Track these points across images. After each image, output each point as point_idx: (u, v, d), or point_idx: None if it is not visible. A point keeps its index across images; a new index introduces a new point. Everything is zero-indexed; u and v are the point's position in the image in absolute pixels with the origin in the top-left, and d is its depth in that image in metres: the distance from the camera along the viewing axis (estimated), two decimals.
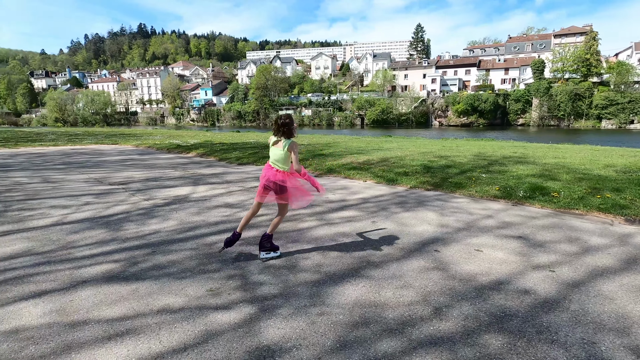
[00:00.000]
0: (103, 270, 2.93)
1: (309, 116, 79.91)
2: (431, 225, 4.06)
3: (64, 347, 1.95)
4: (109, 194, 5.98)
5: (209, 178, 7.53)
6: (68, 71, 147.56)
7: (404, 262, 3.06)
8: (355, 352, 1.88)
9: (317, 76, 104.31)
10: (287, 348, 1.92)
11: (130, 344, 1.97)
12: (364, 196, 5.59)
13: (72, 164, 9.90)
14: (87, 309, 2.34)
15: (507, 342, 1.96)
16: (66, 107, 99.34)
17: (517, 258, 3.13)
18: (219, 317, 2.23)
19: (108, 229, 4.04)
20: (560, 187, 5.48)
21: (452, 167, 7.41)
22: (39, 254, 3.31)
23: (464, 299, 2.43)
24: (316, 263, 3.05)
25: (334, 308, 2.32)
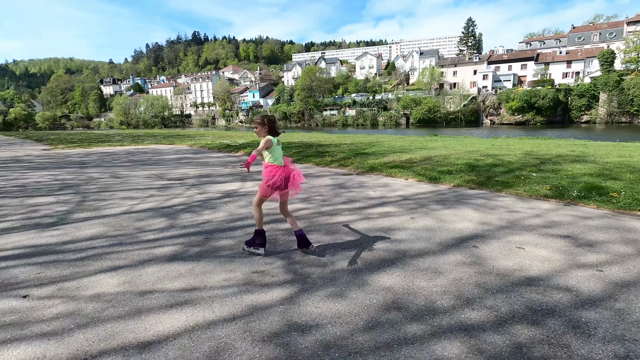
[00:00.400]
0: (165, 252, 3.34)
1: (352, 116, 79.75)
2: (472, 223, 4.02)
3: (136, 310, 2.31)
4: (168, 188, 6.60)
5: (255, 175, 7.97)
6: (132, 78, 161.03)
7: (440, 256, 3.11)
8: (385, 332, 2.02)
9: (361, 76, 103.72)
10: (322, 324, 2.10)
11: (188, 312, 2.27)
12: (404, 194, 5.62)
13: (136, 162, 10.95)
14: (153, 282, 2.71)
15: (539, 333, 1.97)
16: (130, 111, 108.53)
17: (561, 256, 3.04)
18: (263, 295, 2.48)
19: (168, 218, 4.51)
20: (621, 187, 5.10)
21: (499, 166, 7.14)
22: (113, 237, 3.83)
23: (499, 292, 2.44)
24: (353, 253, 3.21)
25: (369, 293, 2.47)
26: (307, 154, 10.85)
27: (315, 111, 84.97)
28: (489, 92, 67.31)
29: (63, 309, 2.33)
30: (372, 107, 78.71)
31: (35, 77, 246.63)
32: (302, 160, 9.99)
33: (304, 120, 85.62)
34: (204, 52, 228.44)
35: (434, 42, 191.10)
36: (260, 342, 1.95)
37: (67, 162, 11.45)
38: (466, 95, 67.52)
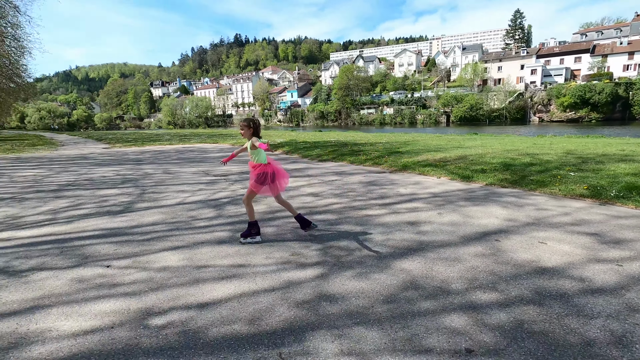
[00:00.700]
0: (215, 237, 3.86)
1: (390, 115, 78.75)
2: (497, 219, 4.16)
3: (194, 280, 2.81)
4: (214, 183, 7.26)
5: (293, 172, 8.45)
6: (178, 80, 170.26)
7: (461, 247, 3.34)
8: (402, 305, 2.33)
9: (400, 73, 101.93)
10: (347, 297, 2.46)
11: (236, 283, 2.73)
12: (435, 191, 5.80)
13: (185, 159, 11.92)
14: (207, 259, 3.22)
15: (542, 313, 2.19)
16: (176, 112, 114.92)
17: (583, 252, 3.15)
18: (298, 272, 2.88)
19: (216, 209, 5.08)
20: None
21: (536, 165, 7.04)
22: (171, 223, 4.43)
23: (511, 279, 2.66)
24: (380, 242, 3.52)
25: (390, 275, 2.78)
26: (342, 152, 11.19)
27: (352, 110, 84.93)
28: (537, 88, 63.45)
29: (138, 277, 2.89)
30: (410, 105, 77.20)
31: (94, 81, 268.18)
32: (337, 158, 10.35)
33: (341, 119, 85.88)
34: (244, 54, 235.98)
35: (477, 36, 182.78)
36: (295, 307, 2.35)
37: (125, 159, 12.71)
38: (512, 92, 64.17)
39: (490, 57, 78.19)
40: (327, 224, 4.17)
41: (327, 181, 7.05)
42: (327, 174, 8.03)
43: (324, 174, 8.05)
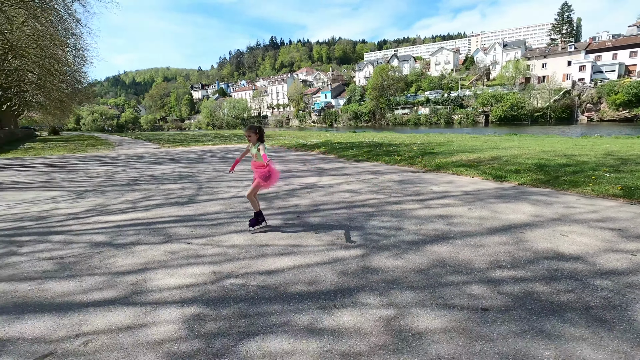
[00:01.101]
0: (270, 224, 4.53)
1: (425, 115, 77.36)
2: (524, 215, 4.51)
3: (259, 255, 3.47)
4: None
5: (330, 171, 9.06)
6: (217, 83, 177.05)
7: (486, 236, 3.76)
8: (430, 276, 2.84)
9: (436, 72, 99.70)
10: (384, 270, 3.01)
11: (293, 258, 3.36)
12: (467, 189, 6.16)
13: (230, 159, 12.91)
14: (267, 240, 3.89)
15: (550, 287, 2.61)
16: (215, 114, 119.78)
17: (601, 243, 3.47)
18: (343, 252, 3.46)
19: (266, 202, 5.79)
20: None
21: (571, 166, 7.14)
22: (230, 212, 5.18)
23: (528, 262, 3.07)
24: (413, 230, 4.02)
25: (421, 256, 3.29)
26: (376, 153, 11.65)
27: (386, 110, 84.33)
28: (586, 85, 59.75)
29: (215, 251, 3.61)
30: (446, 105, 75.40)
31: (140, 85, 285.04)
32: (371, 158, 10.83)
33: (375, 119, 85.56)
34: (279, 56, 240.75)
35: (520, 31, 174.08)
36: (343, 275, 2.94)
37: (177, 158, 13.95)
38: (557, 90, 60.88)
39: (533, 54, 74.55)
40: (365, 215, 4.72)
41: (363, 179, 7.58)
42: (363, 172, 8.55)
43: (360, 172, 8.58)
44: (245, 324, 2.26)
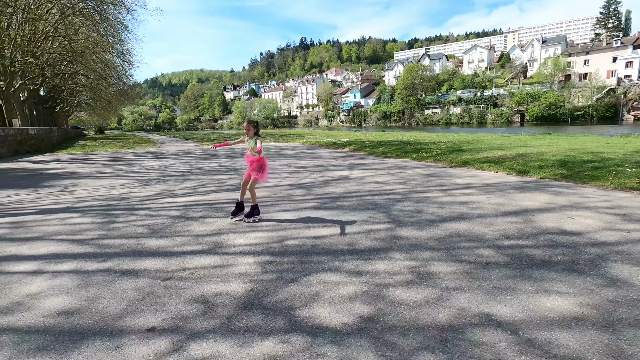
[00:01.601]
0: (311, 205, 5.33)
1: (457, 114, 75.84)
2: (538, 202, 5.02)
3: (306, 226, 4.27)
4: (296, 173, 8.88)
5: (360, 166, 9.77)
6: (248, 84, 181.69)
7: (499, 217, 4.35)
8: (447, 243, 3.51)
9: (469, 71, 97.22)
10: (408, 238, 3.70)
11: (333, 228, 4.12)
12: (489, 182, 6.67)
13: (266, 155, 13.89)
14: (309, 216, 4.68)
15: (546, 251, 3.21)
16: (246, 114, 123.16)
17: (602, 224, 3.97)
18: (374, 226, 4.18)
19: (304, 190, 6.61)
20: None
21: (595, 162, 7.43)
22: (276, 197, 6.03)
23: (532, 235, 3.66)
24: (434, 212, 4.67)
25: (440, 230, 3.95)
26: (405, 150, 12.20)
27: (416, 110, 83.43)
28: (633, 82, 56.36)
29: (269, 224, 4.44)
30: (479, 104, 73.52)
31: (175, 86, 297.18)
32: (400, 155, 11.41)
33: (404, 119, 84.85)
34: (309, 57, 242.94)
35: (561, 26, 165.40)
36: (375, 240, 3.67)
37: (218, 154, 15.16)
38: (600, 87, 57.86)
39: (575, 50, 71.06)
40: (392, 201, 5.41)
41: (391, 173, 8.23)
42: (391, 167, 9.19)
43: (389, 167, 9.22)
44: (304, 267, 3.05)
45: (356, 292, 2.58)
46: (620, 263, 2.92)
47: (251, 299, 2.52)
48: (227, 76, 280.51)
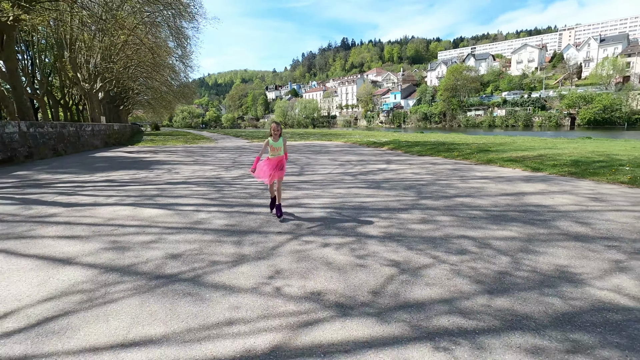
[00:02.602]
0: (358, 185, 7.19)
1: (501, 117, 73.75)
2: (535, 189, 6.50)
3: (355, 195, 6.14)
4: (342, 165, 10.76)
5: (396, 161, 11.45)
6: (289, 84, 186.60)
7: (498, 196, 5.94)
8: (451, 207, 5.21)
9: (517, 71, 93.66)
10: (427, 205, 5.44)
11: (374, 198, 5.96)
12: (503, 175, 8.14)
13: (314, 152, 15.94)
14: (357, 192, 6.54)
15: (518, 214, 4.82)
16: (287, 113, 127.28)
17: (572, 202, 5.44)
18: (403, 198, 5.96)
19: (352, 177, 8.47)
20: None
21: (603, 162, 8.59)
22: (330, 180, 7.96)
23: (515, 206, 5.25)
24: (449, 191, 6.34)
25: (449, 201, 5.64)
26: (438, 149, 13.66)
27: (458, 112, 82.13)
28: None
29: (329, 194, 6.36)
30: (526, 107, 71.00)
31: (221, 86, 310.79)
32: (433, 154, 12.92)
33: (445, 121, 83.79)
34: (350, 57, 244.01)
35: (625, 23, 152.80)
36: (404, 204, 5.46)
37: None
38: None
39: (636, 49, 66.49)
40: (419, 185, 7.11)
41: (422, 167, 9.86)
42: (423, 163, 10.80)
43: (422, 163, 10.83)
44: (358, 214, 4.93)
45: (388, 225, 4.41)
46: (564, 221, 4.49)
47: (328, 222, 4.45)
48: (270, 76, 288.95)
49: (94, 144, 19.76)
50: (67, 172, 10.06)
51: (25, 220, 4.86)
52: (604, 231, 4.01)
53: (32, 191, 7.06)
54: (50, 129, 14.67)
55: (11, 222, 4.80)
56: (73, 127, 17.06)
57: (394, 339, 2.11)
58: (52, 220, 4.86)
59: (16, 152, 12.12)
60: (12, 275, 3.05)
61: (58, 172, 10.05)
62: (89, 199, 6.26)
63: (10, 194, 6.79)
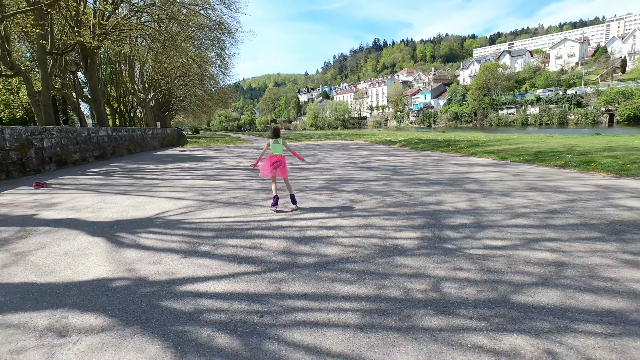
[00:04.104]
0: (354, 169, 9.87)
1: (535, 114, 72.30)
2: (482, 169, 8.85)
3: (349, 174, 8.86)
4: (352, 157, 13.44)
5: (398, 155, 13.95)
6: (321, 87, 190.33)
7: (450, 174, 8.39)
8: (411, 179, 7.79)
9: (556, 67, 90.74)
10: (397, 179, 8.05)
11: (365, 174, 8.64)
12: (471, 162, 10.46)
13: (335, 149, 18.71)
14: (350, 174, 9.25)
15: (450, 181, 7.33)
16: (318, 115, 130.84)
17: (495, 176, 7.80)
18: (384, 174, 8.59)
19: (353, 165, 11.13)
20: (610, 163, 8.50)
21: (561, 152, 10.62)
22: (334, 167, 10.69)
23: (454, 178, 7.73)
24: (416, 171, 8.86)
25: (413, 176, 8.20)
26: (439, 145, 15.97)
27: (489, 110, 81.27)
28: None
29: (332, 175, 9.11)
30: (561, 104, 69.17)
31: (255, 90, 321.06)
32: (432, 149, 15.27)
33: (476, 120, 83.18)
34: (382, 57, 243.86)
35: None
36: (377, 179, 8.11)
37: (301, 148, 20.43)
38: None
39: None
40: (400, 168, 9.66)
41: (413, 158, 12.34)
42: (417, 156, 13.23)
43: (416, 156, 13.27)
44: (343, 183, 7.66)
45: (359, 187, 7.11)
46: (472, 184, 6.95)
47: (323, 187, 7.22)
48: (302, 79, 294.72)
49: (153, 144, 23.83)
50: (146, 163, 13.59)
51: (145, 185, 8.07)
52: (487, 188, 6.48)
53: (134, 174, 10.43)
54: (125, 133, 18.59)
55: (137, 185, 8.02)
56: (139, 131, 21.06)
57: (341, 218, 4.85)
58: (160, 185, 8.03)
59: (105, 151, 15.96)
60: (158, 203, 6.11)
61: (140, 163, 13.61)
62: (173, 176, 9.47)
63: (122, 175, 10.18)
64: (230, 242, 3.86)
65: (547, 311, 2.29)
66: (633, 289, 2.55)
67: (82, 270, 3.18)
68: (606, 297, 2.46)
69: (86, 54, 19.73)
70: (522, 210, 4.82)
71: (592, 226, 4.03)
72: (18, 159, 9.75)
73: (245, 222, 4.67)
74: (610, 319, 2.17)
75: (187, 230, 4.34)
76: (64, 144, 12.26)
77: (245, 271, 3.08)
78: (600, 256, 3.17)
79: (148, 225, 4.63)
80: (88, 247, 3.83)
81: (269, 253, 3.50)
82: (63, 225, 4.71)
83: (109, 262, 3.35)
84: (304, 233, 4.12)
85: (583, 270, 2.89)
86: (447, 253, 3.34)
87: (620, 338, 1.99)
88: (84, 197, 6.77)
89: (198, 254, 3.51)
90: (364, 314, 2.32)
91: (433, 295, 2.55)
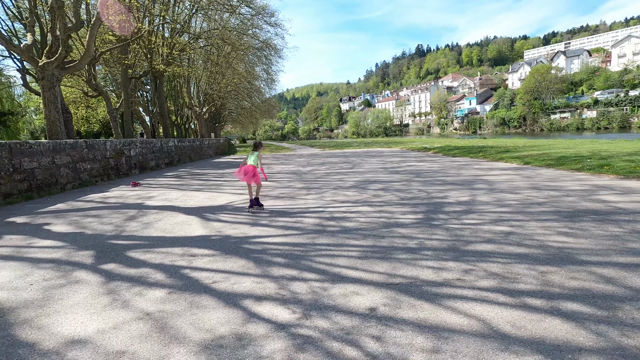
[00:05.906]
0: (384, 173, 11.25)
1: (591, 118, 67.69)
2: (500, 173, 9.82)
3: (376, 177, 10.29)
4: (384, 163, 14.76)
5: (427, 161, 15.04)
6: (362, 95, 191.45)
7: (467, 176, 9.51)
8: (427, 182, 9.05)
9: (619, 67, 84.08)
10: (419, 180, 9.35)
11: (391, 177, 10.03)
12: (493, 167, 11.37)
13: (369, 155, 20.09)
14: (377, 176, 10.66)
15: (463, 182, 8.49)
16: (360, 123, 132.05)
17: (509, 177, 8.80)
18: (409, 176, 9.91)
19: (384, 169, 12.48)
20: (622, 166, 9.11)
21: (580, 157, 11.19)
22: (366, 171, 12.14)
23: (468, 181, 8.86)
24: (438, 175, 10.05)
25: (434, 178, 9.42)
26: (470, 152, 16.76)
27: (540, 115, 77.30)
28: None
29: (362, 178, 10.59)
30: (622, 106, 64.17)
31: (298, 100, 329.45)
32: (463, 155, 16.12)
33: (525, 125, 79.44)
34: (425, 63, 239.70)
35: None
36: (400, 180, 9.46)
37: (339, 155, 22.05)
38: None
39: None
40: (425, 172, 10.87)
41: (441, 163, 13.39)
42: (446, 162, 14.24)
43: (444, 162, 14.28)
44: (370, 183, 9.12)
45: (383, 186, 8.52)
46: (482, 184, 8.07)
47: (353, 186, 8.74)
48: (344, 88, 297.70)
49: (209, 153, 26.83)
50: (207, 169, 15.99)
51: (212, 184, 10.13)
52: (493, 187, 7.58)
53: (200, 177, 12.67)
54: (187, 143, 21.48)
55: (206, 185, 10.09)
56: (198, 142, 24.05)
57: (362, 206, 6.36)
58: (224, 184, 10.04)
59: (173, 159, 18.78)
60: (225, 196, 7.99)
61: (201, 169, 16.04)
62: (232, 178, 11.51)
63: (192, 177, 12.45)
64: (281, 219, 5.54)
65: (479, 253, 3.64)
66: (549, 245, 3.79)
67: (190, 231, 5.02)
68: (524, 248, 3.74)
69: (156, 76, 23.11)
70: (509, 202, 6.00)
71: (558, 212, 5.15)
72: (114, 165, 12.40)
73: (290, 208, 6.35)
74: (517, 259, 3.49)
75: (250, 213, 6.10)
76: (144, 152, 14.98)
77: (291, 233, 4.72)
78: (544, 229, 4.38)
79: (222, 210, 6.48)
80: (187, 220, 5.71)
81: (307, 224, 5.12)
82: (165, 209, 6.71)
83: (205, 228, 5.17)
84: (332, 215, 5.69)
85: (524, 236, 4.15)
86: (432, 227, 4.72)
87: (513, 265, 3.32)
88: (170, 192, 8.92)
89: (260, 224, 5.22)
90: (362, 252, 3.84)
91: (409, 244, 4.00)
